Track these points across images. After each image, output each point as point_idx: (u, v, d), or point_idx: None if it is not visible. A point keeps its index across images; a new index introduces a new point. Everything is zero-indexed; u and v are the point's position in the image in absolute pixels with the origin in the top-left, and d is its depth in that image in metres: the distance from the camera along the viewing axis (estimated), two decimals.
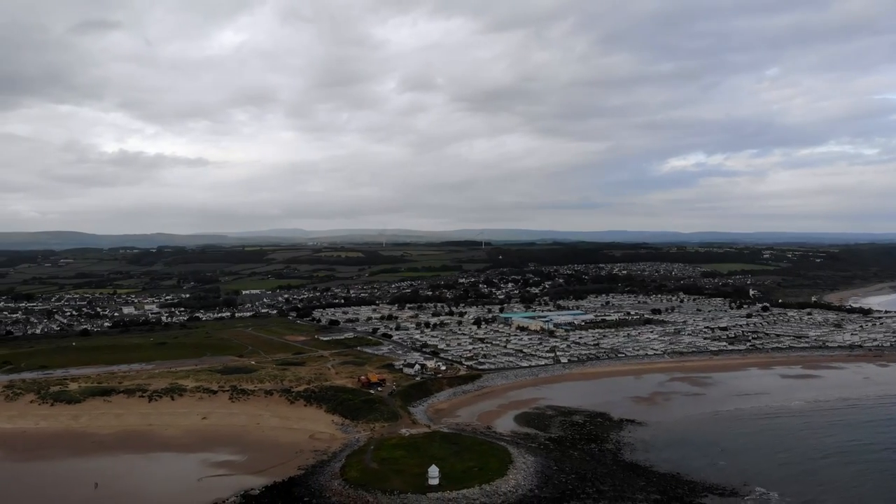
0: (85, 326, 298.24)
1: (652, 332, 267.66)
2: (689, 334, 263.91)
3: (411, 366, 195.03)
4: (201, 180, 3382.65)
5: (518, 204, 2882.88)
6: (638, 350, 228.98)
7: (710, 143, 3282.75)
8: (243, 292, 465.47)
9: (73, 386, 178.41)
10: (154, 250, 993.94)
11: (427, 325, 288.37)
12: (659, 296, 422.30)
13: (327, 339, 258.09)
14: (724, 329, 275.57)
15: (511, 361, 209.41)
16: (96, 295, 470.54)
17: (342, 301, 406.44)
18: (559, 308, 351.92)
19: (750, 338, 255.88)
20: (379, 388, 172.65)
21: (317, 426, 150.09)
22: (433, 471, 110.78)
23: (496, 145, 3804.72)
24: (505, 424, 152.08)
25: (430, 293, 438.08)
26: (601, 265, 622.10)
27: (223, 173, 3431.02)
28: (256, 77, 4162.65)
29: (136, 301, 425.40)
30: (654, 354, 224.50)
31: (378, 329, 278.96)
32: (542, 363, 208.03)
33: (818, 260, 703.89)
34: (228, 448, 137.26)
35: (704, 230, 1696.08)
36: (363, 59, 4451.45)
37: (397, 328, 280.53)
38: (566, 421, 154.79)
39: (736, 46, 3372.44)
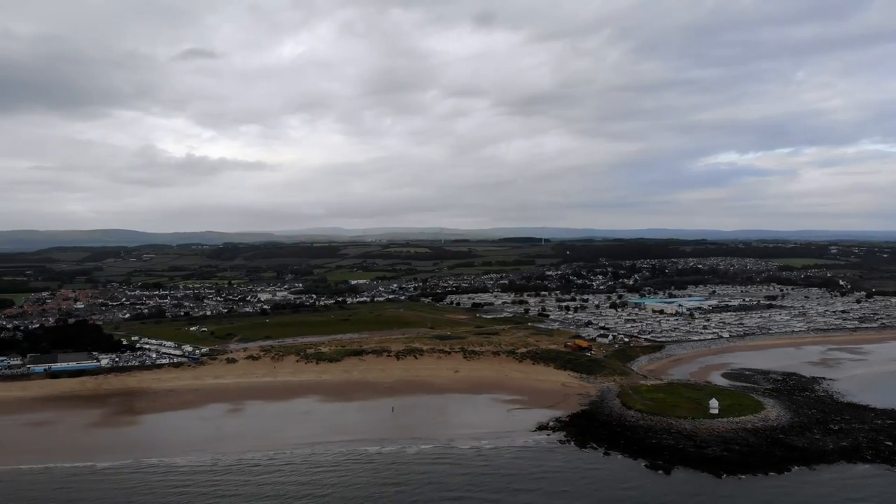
0: (262, 307, 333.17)
1: (780, 314, 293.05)
2: (816, 315, 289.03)
3: (605, 336, 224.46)
4: (251, 181, 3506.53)
5: (553, 203, 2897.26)
6: (783, 328, 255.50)
7: (742, 144, 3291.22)
8: (351, 282, 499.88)
9: (324, 349, 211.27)
10: (221, 246, 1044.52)
11: (568, 308, 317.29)
12: (754, 286, 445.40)
13: (490, 317, 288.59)
14: (844, 312, 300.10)
15: (679, 335, 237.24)
16: (217, 284, 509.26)
17: (454, 289, 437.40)
18: (671, 296, 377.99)
19: (875, 318, 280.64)
20: (591, 352, 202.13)
21: (559, 378, 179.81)
22: (714, 402, 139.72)
23: (533, 146, 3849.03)
24: (717, 380, 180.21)
25: (525, 283, 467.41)
26: (674, 259, 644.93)
27: (272, 175, 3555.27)
28: (311, 85, 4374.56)
29: (260, 289, 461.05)
30: (800, 331, 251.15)
31: (529, 310, 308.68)
32: (709, 337, 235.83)
33: (885, 255, 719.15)
34: (502, 391, 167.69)
35: (742, 228, 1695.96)
36: (410, 69, 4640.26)
37: (543, 310, 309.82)
38: (767, 377, 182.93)
39: (764, 53, 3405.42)
